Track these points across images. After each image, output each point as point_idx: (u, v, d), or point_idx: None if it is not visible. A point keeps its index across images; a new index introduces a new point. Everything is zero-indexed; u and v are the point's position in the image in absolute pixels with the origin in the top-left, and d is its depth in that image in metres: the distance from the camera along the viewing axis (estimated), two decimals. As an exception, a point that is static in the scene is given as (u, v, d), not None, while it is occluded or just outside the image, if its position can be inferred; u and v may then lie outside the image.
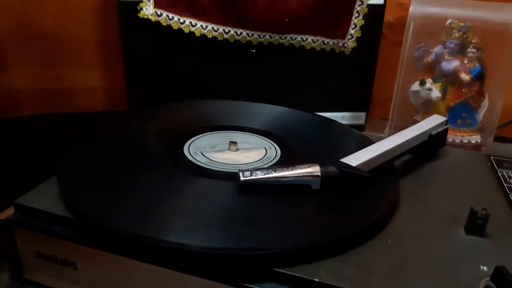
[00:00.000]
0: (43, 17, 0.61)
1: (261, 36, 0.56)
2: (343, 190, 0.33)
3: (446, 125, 0.44)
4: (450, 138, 0.53)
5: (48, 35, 0.62)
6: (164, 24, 0.54)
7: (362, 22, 0.57)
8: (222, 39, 0.56)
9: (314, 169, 0.33)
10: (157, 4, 0.53)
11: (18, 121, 0.64)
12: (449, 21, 0.54)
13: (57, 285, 0.32)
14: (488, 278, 0.27)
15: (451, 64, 0.54)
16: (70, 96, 0.66)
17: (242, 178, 0.32)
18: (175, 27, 0.54)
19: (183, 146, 0.40)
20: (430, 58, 0.55)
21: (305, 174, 0.33)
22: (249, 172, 0.33)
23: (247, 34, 0.56)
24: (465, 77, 0.53)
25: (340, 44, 0.58)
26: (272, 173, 0.33)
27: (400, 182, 0.38)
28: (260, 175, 0.33)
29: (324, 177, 0.33)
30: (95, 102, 0.67)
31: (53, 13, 0.61)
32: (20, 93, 0.63)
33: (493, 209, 0.32)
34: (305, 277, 0.26)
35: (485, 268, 0.28)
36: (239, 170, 0.33)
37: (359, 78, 0.61)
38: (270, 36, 0.56)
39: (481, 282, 0.27)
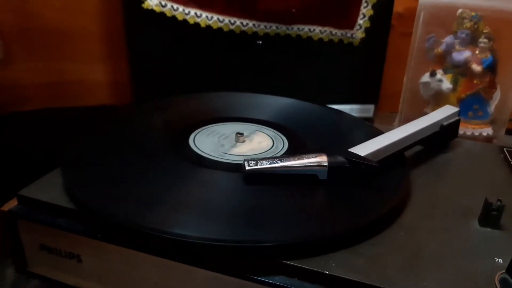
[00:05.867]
0: (46, 11, 0.61)
1: (268, 27, 0.56)
2: (351, 180, 0.33)
3: (458, 115, 0.43)
4: (461, 130, 0.52)
5: (52, 29, 0.62)
6: (168, 15, 0.53)
7: (371, 12, 0.56)
8: (227, 30, 0.55)
9: (321, 159, 0.32)
10: (161, -5, 0.52)
11: (23, 115, 0.63)
12: (460, 10, 0.53)
13: (62, 278, 0.32)
14: (504, 271, 0.26)
15: (462, 54, 0.53)
16: (75, 90, 0.66)
17: (247, 168, 0.32)
18: (179, 18, 0.53)
19: (188, 138, 0.39)
20: (440, 48, 0.54)
21: (312, 164, 0.32)
22: (254, 162, 0.32)
23: (253, 25, 0.55)
24: (476, 67, 0.52)
25: (349, 34, 0.57)
26: (278, 163, 0.32)
27: (412, 173, 0.37)
28: (265, 164, 0.32)
29: (331, 167, 0.32)
30: (99, 96, 0.67)
31: (57, 6, 0.61)
32: (24, 87, 0.63)
33: (507, 200, 0.31)
34: (315, 269, 0.25)
35: (500, 261, 0.27)
36: (245, 160, 0.32)
37: (368, 69, 0.60)
38: (277, 27, 0.56)
39: (496, 274, 0.26)
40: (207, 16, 0.54)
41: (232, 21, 0.55)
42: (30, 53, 0.62)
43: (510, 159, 0.42)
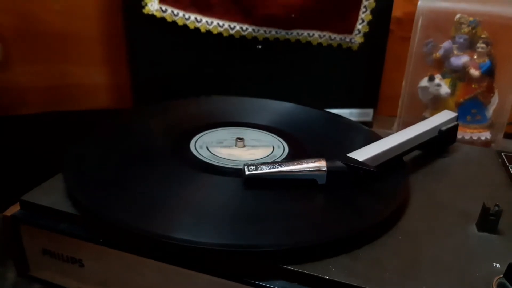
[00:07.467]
0: (47, 14, 0.61)
1: (267, 32, 0.56)
2: (349, 185, 0.33)
3: (456, 120, 0.43)
4: (459, 134, 0.52)
5: (52, 32, 0.62)
6: (169, 20, 0.53)
7: (370, 17, 0.57)
8: (227, 35, 0.55)
9: (320, 164, 0.32)
10: (162, 0, 0.53)
11: (23, 118, 0.63)
12: (458, 15, 0.53)
13: (64, 282, 0.32)
14: (501, 275, 0.26)
15: (460, 59, 0.53)
16: (75, 93, 0.66)
17: (247, 172, 0.32)
18: (180, 23, 0.54)
19: (189, 142, 0.40)
20: (439, 53, 0.54)
21: (311, 169, 0.32)
22: (254, 166, 0.32)
23: (253, 29, 0.55)
24: (474, 72, 0.53)
25: (347, 39, 0.58)
26: (277, 168, 0.32)
27: (410, 178, 0.37)
28: (265, 169, 0.32)
29: (330, 171, 0.32)
30: (100, 99, 0.67)
31: (57, 10, 0.61)
32: (24, 91, 0.63)
33: (505, 205, 0.31)
34: (315, 274, 0.26)
35: (498, 265, 0.28)
36: (245, 164, 0.33)
37: (367, 74, 0.60)
38: (276, 32, 0.56)
39: (494, 279, 0.26)
40: (207, 21, 0.54)
41: (232, 26, 0.55)
42: (30, 56, 0.62)
43: (508, 164, 0.42)
